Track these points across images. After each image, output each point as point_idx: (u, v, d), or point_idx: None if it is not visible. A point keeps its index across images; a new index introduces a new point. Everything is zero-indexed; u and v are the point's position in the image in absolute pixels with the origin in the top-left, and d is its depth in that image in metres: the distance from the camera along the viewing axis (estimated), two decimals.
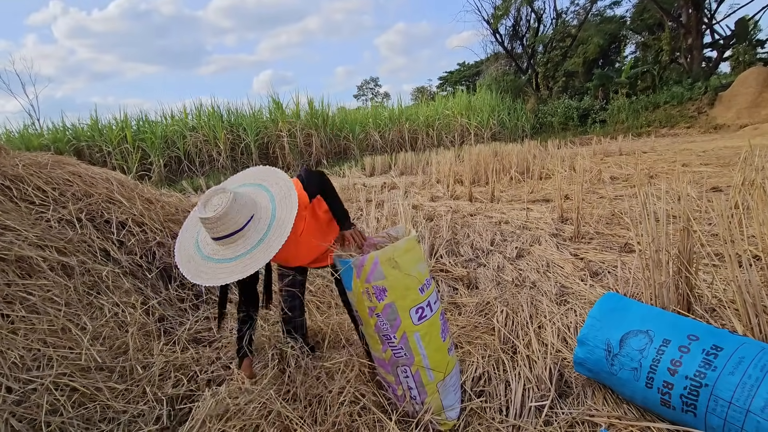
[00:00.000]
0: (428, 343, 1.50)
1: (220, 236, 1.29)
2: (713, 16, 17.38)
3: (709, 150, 8.02)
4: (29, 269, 1.51)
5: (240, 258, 1.28)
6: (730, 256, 1.68)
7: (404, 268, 1.45)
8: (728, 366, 1.24)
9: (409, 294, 1.47)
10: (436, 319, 1.55)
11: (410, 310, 1.47)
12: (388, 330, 1.48)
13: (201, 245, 1.36)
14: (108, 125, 12.65)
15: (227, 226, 1.28)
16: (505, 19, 21.22)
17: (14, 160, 2.01)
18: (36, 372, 1.23)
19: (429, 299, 1.52)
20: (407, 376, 1.52)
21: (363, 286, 1.46)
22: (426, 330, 1.50)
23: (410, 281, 1.47)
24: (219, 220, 1.26)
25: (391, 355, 1.51)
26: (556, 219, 4.25)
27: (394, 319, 1.46)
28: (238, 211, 1.29)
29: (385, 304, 1.45)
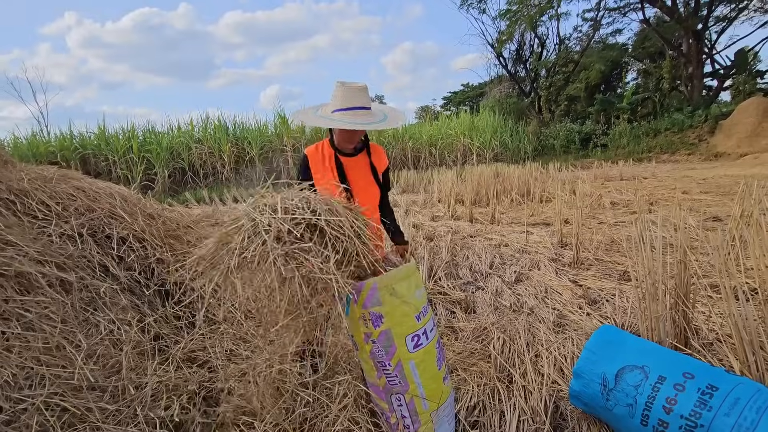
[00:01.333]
0: (423, 372, 1.49)
1: (354, 106, 1.62)
2: (713, 47, 17.73)
3: (709, 178, 8.06)
4: (28, 285, 1.51)
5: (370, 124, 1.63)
6: (727, 291, 1.68)
7: (401, 295, 1.45)
8: (724, 407, 1.23)
9: (406, 321, 1.46)
10: (432, 347, 1.54)
11: (406, 337, 1.46)
12: (383, 357, 1.47)
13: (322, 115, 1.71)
14: (115, 135, 12.82)
15: (362, 99, 1.64)
16: (509, 44, 21.69)
17: (20, 174, 2.04)
18: (28, 391, 1.23)
19: (425, 327, 1.52)
20: (401, 404, 1.50)
21: (360, 312, 1.46)
22: (421, 358, 1.49)
23: (407, 308, 1.46)
24: (360, 90, 1.64)
25: (385, 382, 1.50)
26: (555, 243, 4.26)
27: (389, 346, 1.45)
28: (368, 96, 1.68)
29: (381, 330, 1.44)
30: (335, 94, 1.67)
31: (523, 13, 19.55)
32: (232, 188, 11.81)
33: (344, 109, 1.64)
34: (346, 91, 1.64)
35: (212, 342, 2.03)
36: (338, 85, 1.66)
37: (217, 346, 1.97)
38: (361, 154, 1.82)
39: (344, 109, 1.64)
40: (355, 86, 1.65)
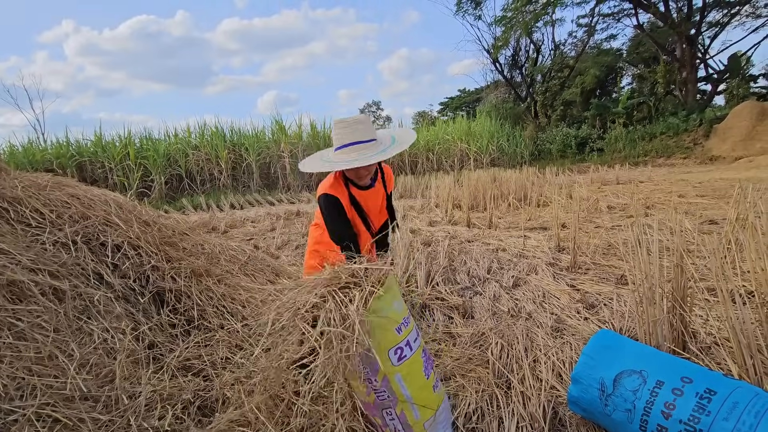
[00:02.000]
0: (411, 383, 1.46)
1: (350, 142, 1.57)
2: (707, 52, 17.92)
3: (705, 181, 8.11)
4: (20, 293, 1.50)
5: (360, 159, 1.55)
6: (724, 294, 1.68)
7: (378, 311, 1.41)
8: (722, 411, 1.23)
9: (386, 336, 1.42)
10: (418, 356, 1.50)
11: (388, 351, 1.42)
12: (368, 374, 1.44)
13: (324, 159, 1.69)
14: (111, 142, 12.80)
15: (358, 134, 1.58)
16: (505, 49, 21.86)
17: (14, 182, 2.02)
18: (18, 402, 1.21)
19: (408, 338, 1.48)
20: (393, 418, 1.48)
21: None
22: (407, 370, 1.46)
23: (385, 322, 1.42)
24: (358, 122, 1.58)
25: (375, 398, 1.47)
26: (553, 248, 4.26)
27: (372, 363, 1.42)
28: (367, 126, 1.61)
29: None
30: (334, 132, 1.64)
31: (518, 19, 19.72)
32: (229, 194, 11.80)
33: (342, 147, 1.61)
34: (342, 128, 1.61)
35: (208, 350, 2.01)
36: (335, 123, 1.63)
37: (214, 353, 1.95)
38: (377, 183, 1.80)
39: (342, 147, 1.61)
40: (350, 120, 1.61)
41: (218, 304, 2.27)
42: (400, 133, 1.77)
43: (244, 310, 2.33)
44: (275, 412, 1.62)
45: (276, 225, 7.23)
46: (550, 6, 19.12)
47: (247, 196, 11.76)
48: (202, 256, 2.54)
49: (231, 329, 2.12)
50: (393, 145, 1.65)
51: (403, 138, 1.72)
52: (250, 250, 3.25)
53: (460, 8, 21.04)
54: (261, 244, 5.68)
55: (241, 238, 6.20)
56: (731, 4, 16.80)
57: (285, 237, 6.11)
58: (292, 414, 1.65)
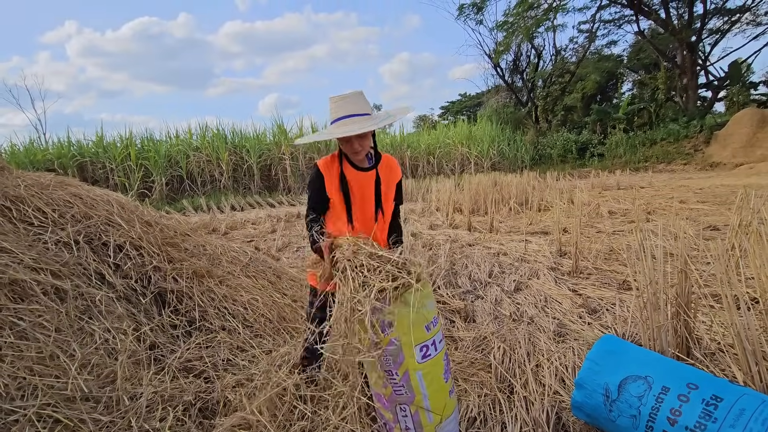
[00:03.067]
0: (430, 383, 1.46)
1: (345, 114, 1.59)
2: (707, 58, 17.98)
3: (705, 187, 8.11)
4: (22, 293, 1.49)
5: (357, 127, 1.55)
6: (728, 300, 1.67)
7: (412, 304, 1.42)
8: (729, 418, 1.22)
9: (416, 330, 1.43)
10: (440, 359, 1.51)
11: (415, 347, 1.43)
12: (390, 366, 1.44)
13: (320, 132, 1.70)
14: (112, 142, 12.80)
15: (353, 107, 1.60)
16: (506, 54, 21.91)
17: (17, 180, 2.02)
18: (20, 402, 1.20)
19: (435, 338, 1.49)
20: (406, 415, 1.47)
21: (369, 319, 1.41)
22: (429, 369, 1.46)
23: (417, 318, 1.43)
24: (354, 95, 1.61)
25: (391, 392, 1.47)
26: (554, 252, 4.25)
27: (397, 355, 1.43)
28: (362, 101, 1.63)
29: (390, 338, 1.42)
30: (330, 108, 1.66)
31: (519, 24, 19.79)
32: (230, 196, 11.79)
33: (336, 120, 1.62)
34: (337, 102, 1.62)
35: (209, 351, 2.00)
36: (330, 99, 1.65)
37: (215, 355, 1.94)
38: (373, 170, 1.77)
39: (336, 120, 1.62)
40: (345, 94, 1.63)
41: (220, 305, 2.26)
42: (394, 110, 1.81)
43: (245, 311, 2.32)
44: (277, 415, 1.61)
45: (276, 227, 7.22)
46: (552, 12, 19.21)
47: (248, 198, 11.76)
48: (203, 257, 2.54)
49: (233, 330, 2.11)
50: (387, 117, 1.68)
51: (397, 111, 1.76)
52: (251, 251, 3.24)
53: (461, 13, 21.12)
54: (262, 245, 5.67)
55: (241, 239, 6.19)
56: (732, 11, 16.88)
57: (286, 239, 6.10)
58: (294, 417, 1.64)
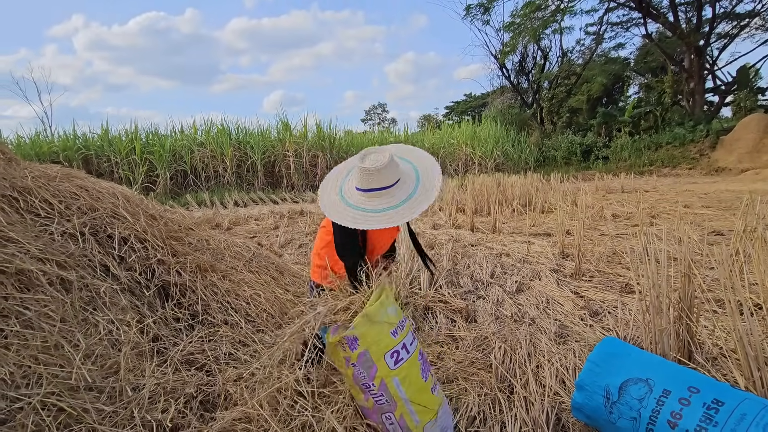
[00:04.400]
0: (408, 386, 1.46)
1: (371, 188, 1.44)
2: (715, 63, 17.87)
3: (710, 192, 8.07)
4: (28, 283, 1.50)
5: (386, 211, 1.43)
6: (731, 305, 1.67)
7: (374, 316, 1.43)
8: (730, 422, 1.21)
9: (382, 339, 1.43)
10: (415, 359, 1.51)
11: (384, 355, 1.43)
12: (365, 379, 1.44)
13: (345, 194, 1.52)
14: (117, 136, 12.86)
15: (381, 180, 1.44)
16: (512, 55, 21.85)
17: (24, 172, 2.03)
18: (25, 390, 1.21)
19: (404, 341, 1.49)
20: (392, 423, 1.47)
21: (336, 338, 1.44)
22: (405, 373, 1.46)
23: (380, 326, 1.44)
24: (378, 171, 1.42)
25: (373, 403, 1.47)
26: (557, 254, 4.24)
27: (370, 367, 1.43)
28: (391, 169, 1.45)
29: (358, 353, 1.42)
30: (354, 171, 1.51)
31: (526, 25, 19.73)
32: (234, 192, 11.83)
33: (364, 190, 1.47)
34: (364, 174, 1.45)
35: (211, 345, 2.01)
36: (356, 162, 1.48)
37: (217, 349, 1.95)
38: None
39: (364, 190, 1.47)
40: (372, 167, 1.43)
41: (222, 299, 2.27)
42: (423, 165, 1.57)
43: (248, 306, 2.34)
44: (278, 409, 1.62)
45: (279, 223, 7.24)
46: (559, 13, 19.13)
47: (251, 194, 11.79)
48: (207, 252, 2.55)
49: (235, 325, 2.12)
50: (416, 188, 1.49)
51: (427, 174, 1.53)
52: (254, 247, 3.25)
53: (468, 13, 21.09)
54: (264, 242, 5.69)
55: (244, 235, 6.21)
56: (741, 15, 16.77)
57: (288, 236, 6.11)
58: (295, 411, 1.65)
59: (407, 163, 1.60)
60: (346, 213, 1.47)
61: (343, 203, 1.51)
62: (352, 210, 1.47)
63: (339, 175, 1.63)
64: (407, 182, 1.51)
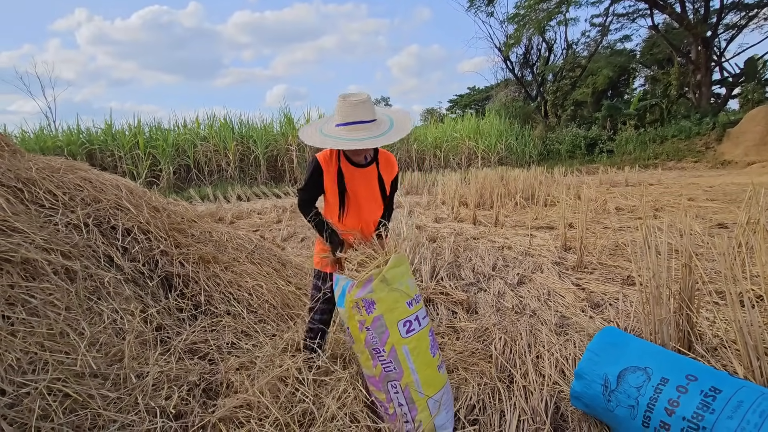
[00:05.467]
0: (417, 357, 1.52)
1: (352, 120, 1.59)
2: (722, 54, 17.63)
3: (715, 185, 8.00)
4: (33, 272, 1.53)
5: (363, 140, 1.57)
6: (732, 296, 1.67)
7: (392, 282, 1.50)
8: (726, 409, 1.22)
9: (398, 307, 1.50)
10: (425, 334, 1.57)
11: (398, 322, 1.50)
12: (377, 343, 1.50)
13: (324, 131, 1.67)
14: (121, 131, 12.90)
15: (361, 114, 1.59)
16: (517, 48, 21.64)
17: (28, 163, 2.05)
18: (31, 375, 1.24)
19: (417, 314, 1.55)
20: (397, 392, 1.52)
21: (353, 301, 1.50)
22: (415, 344, 1.52)
23: (398, 295, 1.51)
24: (359, 104, 1.59)
25: (381, 370, 1.52)
26: (559, 247, 4.24)
27: (382, 333, 1.49)
28: (370, 107, 1.62)
29: (374, 316, 1.48)
30: (337, 107, 1.65)
31: (531, 17, 19.51)
32: (236, 186, 11.86)
33: (344, 124, 1.62)
34: (346, 105, 1.61)
35: (214, 335, 2.04)
36: (339, 98, 1.64)
37: (219, 338, 1.97)
38: (372, 165, 1.78)
39: (344, 124, 1.62)
40: (354, 99, 1.61)
41: (225, 290, 2.29)
42: (397, 116, 1.77)
43: (250, 297, 2.36)
44: (279, 396, 1.64)
45: (282, 217, 7.27)
46: (564, 4, 18.90)
47: (254, 188, 11.82)
48: (210, 244, 2.57)
49: (237, 315, 2.14)
50: (391, 129, 1.66)
51: (401, 122, 1.72)
52: (256, 239, 3.27)
53: (472, 4, 20.87)
54: (267, 235, 5.72)
55: (247, 229, 6.24)
56: (749, 6, 16.50)
57: (291, 229, 6.14)
58: (296, 400, 1.67)
59: (384, 115, 1.77)
60: (325, 140, 1.62)
61: (321, 135, 1.66)
62: (331, 139, 1.62)
63: (318, 122, 1.80)
64: (383, 124, 1.67)
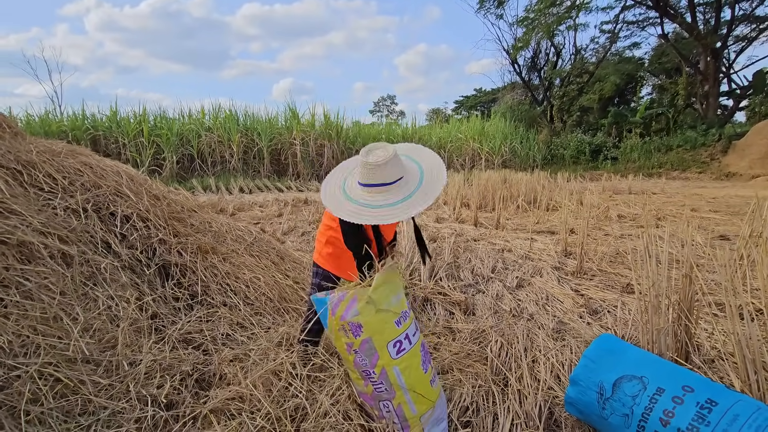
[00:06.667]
0: (408, 377, 1.46)
1: (372, 183, 1.44)
2: (731, 66, 17.54)
3: (719, 197, 7.96)
4: (29, 255, 1.52)
5: (382, 208, 1.43)
6: (732, 308, 1.65)
7: (378, 303, 1.42)
8: (722, 423, 1.21)
9: (386, 328, 1.43)
10: (416, 350, 1.51)
11: (387, 344, 1.43)
12: (367, 366, 1.45)
13: (347, 189, 1.54)
14: (126, 118, 12.91)
15: (383, 176, 1.43)
16: (525, 51, 21.57)
17: (29, 146, 2.04)
18: (22, 359, 1.23)
19: (407, 332, 1.48)
20: (389, 411, 1.48)
21: (339, 324, 1.43)
22: (406, 363, 1.46)
23: (385, 315, 1.43)
24: (379, 167, 1.42)
25: (372, 390, 1.48)
26: (559, 252, 4.22)
27: (372, 355, 1.43)
28: (394, 166, 1.44)
29: (362, 339, 1.42)
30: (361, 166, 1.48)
31: (540, 21, 19.44)
32: (239, 178, 11.86)
33: (365, 185, 1.47)
34: (365, 167, 1.44)
35: (209, 325, 2.03)
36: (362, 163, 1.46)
37: (215, 329, 1.97)
38: None
39: (365, 185, 1.47)
40: (379, 161, 1.42)
41: (222, 281, 2.28)
42: (428, 165, 1.55)
43: (247, 289, 2.35)
44: (272, 390, 1.63)
45: (283, 211, 7.26)
46: (575, 9, 18.83)
47: (257, 181, 11.82)
48: (209, 234, 2.56)
49: (233, 306, 2.13)
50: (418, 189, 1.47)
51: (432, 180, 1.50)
52: (256, 231, 3.26)
53: (482, 6, 20.80)
54: (267, 228, 5.71)
55: (248, 221, 6.24)
56: (760, 19, 16.41)
57: (292, 223, 6.13)
58: (288, 394, 1.67)
59: (413, 163, 1.58)
60: (345, 206, 1.48)
61: (343, 196, 1.53)
62: (351, 204, 1.48)
63: (344, 170, 1.65)
64: (409, 182, 1.49)
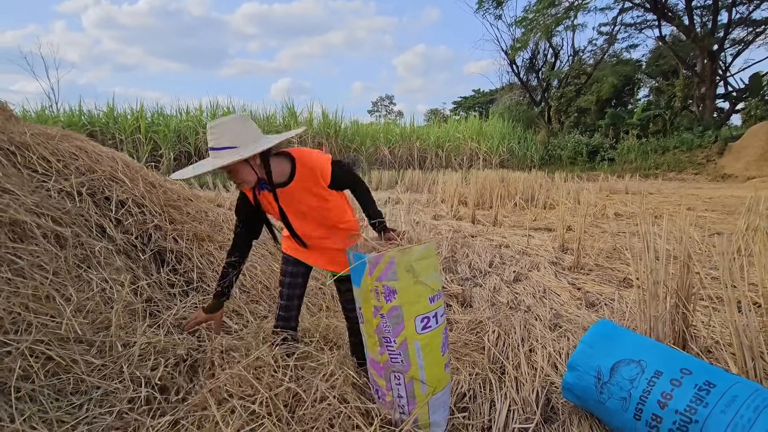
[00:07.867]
0: (427, 355, 1.45)
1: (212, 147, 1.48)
2: (728, 69, 17.65)
3: (715, 197, 8.01)
4: (22, 234, 1.49)
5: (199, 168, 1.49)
6: (730, 299, 1.65)
7: (419, 274, 1.41)
8: (720, 404, 1.20)
9: (419, 301, 1.42)
10: (440, 332, 1.50)
11: (416, 317, 1.42)
12: (389, 333, 1.43)
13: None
14: (123, 114, 12.84)
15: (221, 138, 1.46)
16: (523, 52, 21.64)
17: (23, 129, 2.02)
18: (13, 336, 1.21)
19: (437, 311, 1.47)
20: (399, 383, 1.46)
21: (373, 284, 1.41)
22: (428, 341, 1.45)
23: (422, 288, 1.42)
24: (212, 128, 1.46)
25: (387, 359, 1.46)
26: (557, 248, 4.22)
27: (397, 324, 1.41)
28: (227, 131, 1.47)
29: (392, 305, 1.40)
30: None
31: (539, 22, 19.50)
32: None
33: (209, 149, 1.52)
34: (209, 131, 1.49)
35: None
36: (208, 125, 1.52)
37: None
38: (293, 182, 1.64)
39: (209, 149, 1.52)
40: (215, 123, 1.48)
41: (218, 268, 2.26)
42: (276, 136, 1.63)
43: (242, 277, 2.33)
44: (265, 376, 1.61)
45: None
46: (573, 10, 18.89)
47: None
48: (205, 222, 2.54)
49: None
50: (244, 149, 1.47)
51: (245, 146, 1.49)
52: None
53: (481, 6, 20.84)
54: None
55: None
56: (757, 22, 16.52)
57: None
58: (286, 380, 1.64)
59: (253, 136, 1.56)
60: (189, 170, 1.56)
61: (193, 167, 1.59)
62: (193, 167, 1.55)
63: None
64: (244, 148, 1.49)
